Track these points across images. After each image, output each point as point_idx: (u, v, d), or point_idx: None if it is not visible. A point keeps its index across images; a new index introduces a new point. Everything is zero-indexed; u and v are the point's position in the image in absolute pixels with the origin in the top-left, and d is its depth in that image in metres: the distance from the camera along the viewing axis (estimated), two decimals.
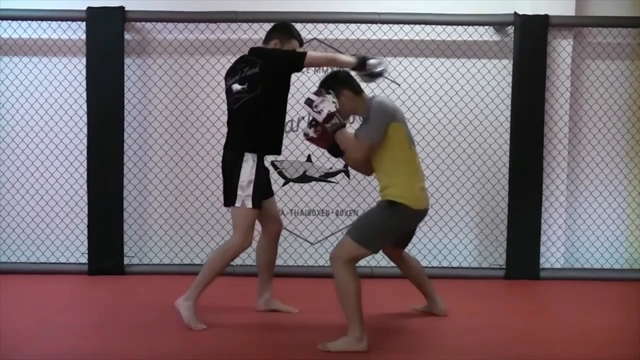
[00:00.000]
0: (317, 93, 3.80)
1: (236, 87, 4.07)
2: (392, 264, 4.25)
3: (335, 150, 3.86)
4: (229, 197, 4.03)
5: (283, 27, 4.21)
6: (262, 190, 4.07)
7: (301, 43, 4.20)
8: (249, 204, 3.97)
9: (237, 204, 3.99)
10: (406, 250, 4.22)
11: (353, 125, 4.45)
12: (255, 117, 4.02)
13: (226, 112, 5.47)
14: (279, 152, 4.21)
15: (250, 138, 4.02)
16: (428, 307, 4.34)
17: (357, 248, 3.65)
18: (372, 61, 4.03)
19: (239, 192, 3.97)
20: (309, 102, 3.76)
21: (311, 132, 3.87)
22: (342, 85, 3.83)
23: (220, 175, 4.17)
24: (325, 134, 3.81)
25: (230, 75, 4.16)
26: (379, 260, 5.10)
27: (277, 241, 4.36)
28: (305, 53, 4.02)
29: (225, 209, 5.47)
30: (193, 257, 5.54)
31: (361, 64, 4.02)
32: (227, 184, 4.05)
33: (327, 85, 3.85)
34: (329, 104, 3.73)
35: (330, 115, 3.72)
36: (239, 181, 3.97)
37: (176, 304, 4.03)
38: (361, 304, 3.64)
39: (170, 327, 3.98)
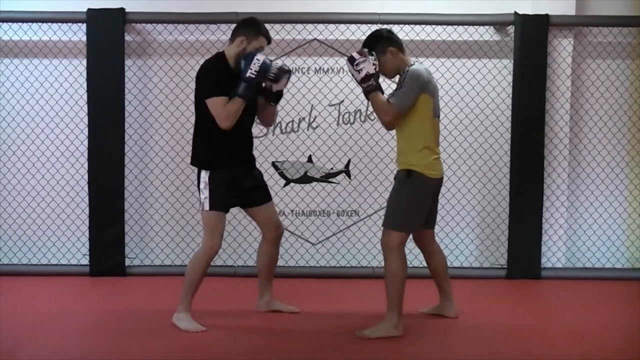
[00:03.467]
0: (360, 52, 3.85)
1: None
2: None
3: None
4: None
5: (250, 23, 4.02)
6: (227, 194, 4.00)
7: (269, 40, 4.05)
8: (207, 207, 3.97)
9: (199, 208, 4.04)
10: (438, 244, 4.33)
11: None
12: (200, 131, 4.02)
13: None
14: (242, 165, 4.10)
15: (200, 155, 4.03)
16: (439, 307, 4.30)
17: (398, 234, 3.85)
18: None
19: (200, 195, 4.00)
20: (351, 60, 3.83)
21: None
22: (387, 43, 3.89)
23: None
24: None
25: None
26: (381, 261, 5.10)
27: (276, 246, 4.32)
28: (210, 101, 3.87)
29: None
30: None
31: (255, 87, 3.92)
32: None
33: (371, 44, 3.90)
34: (369, 65, 3.80)
35: (368, 76, 3.80)
36: (199, 185, 3.99)
37: (172, 321, 4.03)
38: (404, 292, 3.86)
39: (171, 329, 3.98)
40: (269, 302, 4.36)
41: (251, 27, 4.01)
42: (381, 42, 3.90)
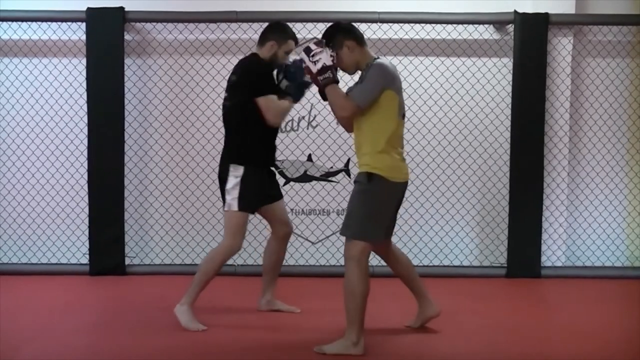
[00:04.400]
0: (317, 43, 3.66)
1: (224, 94, 4.15)
2: None
3: (324, 94, 3.69)
4: (223, 201, 4.08)
5: (279, 27, 4.15)
6: (255, 195, 4.04)
7: (297, 42, 4.18)
8: (235, 207, 3.98)
9: (225, 208, 4.03)
10: (397, 246, 4.11)
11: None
12: (237, 128, 4.04)
13: None
14: (270, 164, 4.17)
15: (235, 150, 4.04)
16: (420, 312, 4.00)
17: (360, 244, 3.53)
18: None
19: (227, 196, 4.01)
20: (307, 50, 3.61)
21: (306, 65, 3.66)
22: (345, 35, 3.66)
23: None
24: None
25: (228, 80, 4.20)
26: (380, 260, 5.10)
27: (285, 244, 4.34)
28: (264, 98, 3.94)
29: None
30: (194, 257, 5.53)
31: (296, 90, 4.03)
32: (220, 188, 4.10)
33: (329, 37, 3.68)
34: (326, 57, 3.58)
35: (325, 68, 3.57)
36: (226, 185, 4.00)
37: (174, 311, 4.03)
38: (365, 307, 3.55)
39: (171, 328, 3.98)
40: (270, 301, 4.36)
41: (280, 31, 4.12)
42: (339, 34, 3.66)
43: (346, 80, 4.05)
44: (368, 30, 5.41)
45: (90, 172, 5.35)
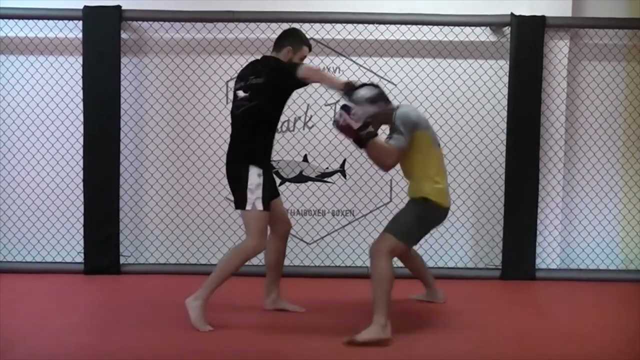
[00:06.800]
0: (354, 101, 3.89)
1: (240, 93, 4.10)
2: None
3: (360, 142, 3.91)
4: (239, 201, 4.02)
5: (294, 33, 4.24)
6: (270, 192, 4.10)
7: (310, 48, 4.24)
8: (260, 207, 3.97)
9: (248, 207, 3.97)
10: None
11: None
12: (255, 130, 4.05)
13: (223, 113, 5.51)
14: (267, 166, 4.11)
15: (252, 151, 4.03)
16: (427, 295, 4.66)
17: (397, 242, 3.90)
18: (360, 92, 3.90)
19: (249, 195, 3.96)
20: (347, 109, 3.85)
21: (341, 121, 3.84)
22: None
23: (217, 174, 4.18)
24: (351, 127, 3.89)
25: (238, 79, 4.18)
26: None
27: (285, 242, 4.37)
28: (304, 68, 3.95)
29: (220, 208, 5.51)
30: (189, 256, 5.53)
31: (348, 92, 3.94)
32: (236, 188, 4.05)
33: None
34: (365, 113, 3.85)
35: (366, 124, 3.85)
36: (248, 184, 3.97)
37: (186, 302, 4.01)
38: (391, 293, 3.82)
39: (165, 327, 3.98)
40: (275, 300, 4.39)
41: (296, 37, 4.19)
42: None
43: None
44: (365, 32, 5.44)
45: (86, 170, 5.34)
